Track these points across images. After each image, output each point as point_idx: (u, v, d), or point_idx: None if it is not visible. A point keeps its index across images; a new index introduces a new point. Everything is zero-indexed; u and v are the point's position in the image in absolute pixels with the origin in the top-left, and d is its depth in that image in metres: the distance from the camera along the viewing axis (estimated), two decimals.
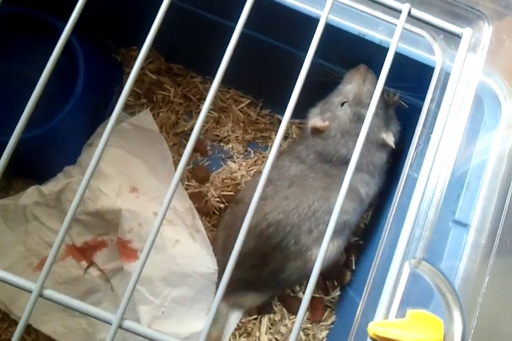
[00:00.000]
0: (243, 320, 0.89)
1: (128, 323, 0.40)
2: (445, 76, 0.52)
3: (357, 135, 0.52)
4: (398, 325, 0.40)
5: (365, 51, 0.73)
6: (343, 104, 0.79)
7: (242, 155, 0.97)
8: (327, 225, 0.78)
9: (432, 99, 0.52)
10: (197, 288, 0.80)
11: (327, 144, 0.80)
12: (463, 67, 0.46)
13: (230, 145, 0.98)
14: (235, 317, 0.87)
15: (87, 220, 0.81)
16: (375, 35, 0.68)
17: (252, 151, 0.98)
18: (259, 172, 0.93)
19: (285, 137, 0.99)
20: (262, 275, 0.81)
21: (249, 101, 0.99)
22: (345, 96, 0.80)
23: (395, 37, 0.43)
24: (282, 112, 0.98)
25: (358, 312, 0.53)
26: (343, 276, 0.92)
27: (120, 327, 0.40)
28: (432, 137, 0.46)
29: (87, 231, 0.82)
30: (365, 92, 0.78)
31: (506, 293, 0.51)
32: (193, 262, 0.79)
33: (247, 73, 0.91)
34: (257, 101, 0.99)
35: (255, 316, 0.89)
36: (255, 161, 0.98)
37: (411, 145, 0.54)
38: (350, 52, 0.76)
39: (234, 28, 0.80)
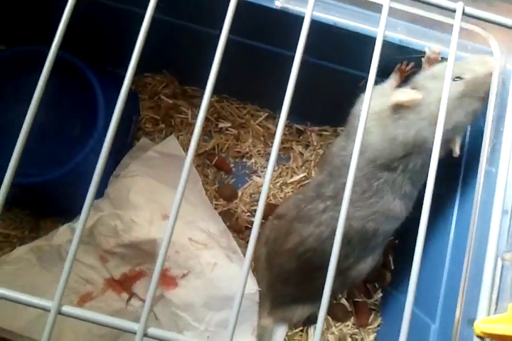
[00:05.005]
0: (289, 333, 0.82)
1: (152, 330, 0.36)
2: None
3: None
4: (503, 320, 0.36)
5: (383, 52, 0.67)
6: (455, 79, 0.60)
7: (266, 169, 0.91)
8: (362, 249, 0.71)
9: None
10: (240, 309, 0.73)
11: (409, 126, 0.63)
12: None
13: (252, 160, 0.91)
14: (280, 332, 0.80)
15: (122, 252, 0.74)
16: (394, 35, 0.62)
17: (276, 163, 0.91)
18: (301, 187, 0.89)
19: (306, 145, 0.92)
20: (307, 290, 0.74)
21: (266, 114, 0.92)
22: (465, 72, 0.61)
23: (453, 37, 0.40)
24: (301, 122, 0.93)
25: (457, 314, 0.48)
26: (383, 277, 0.86)
27: (145, 335, 0.36)
28: (505, 131, 0.41)
29: (124, 263, 0.75)
30: (488, 84, 0.57)
31: None
32: (233, 284, 0.72)
33: (261, 87, 0.85)
34: (275, 113, 0.92)
35: (301, 328, 0.82)
36: (280, 173, 0.91)
37: (483, 139, 0.49)
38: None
39: (244, 45, 0.73)
